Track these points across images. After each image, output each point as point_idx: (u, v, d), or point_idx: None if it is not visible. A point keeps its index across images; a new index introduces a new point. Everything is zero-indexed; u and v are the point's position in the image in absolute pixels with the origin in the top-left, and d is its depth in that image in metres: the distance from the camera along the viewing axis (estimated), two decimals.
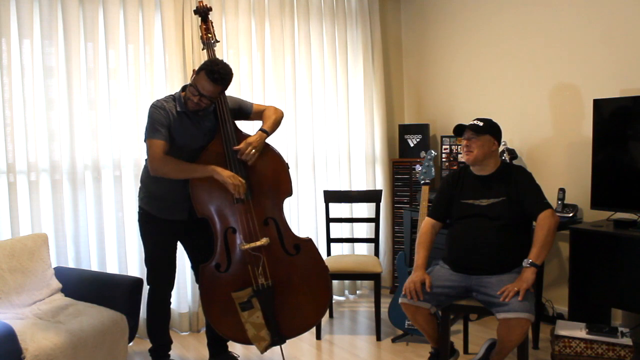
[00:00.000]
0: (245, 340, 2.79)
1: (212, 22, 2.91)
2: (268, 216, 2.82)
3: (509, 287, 2.47)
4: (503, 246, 2.63)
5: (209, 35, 2.88)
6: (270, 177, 2.83)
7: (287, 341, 2.87)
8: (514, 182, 2.69)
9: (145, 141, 2.73)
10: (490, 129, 2.72)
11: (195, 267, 3.03)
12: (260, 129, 2.84)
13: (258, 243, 2.73)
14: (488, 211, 2.68)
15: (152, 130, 2.69)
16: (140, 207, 2.90)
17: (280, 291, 2.79)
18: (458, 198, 2.78)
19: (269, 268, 2.76)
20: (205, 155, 2.78)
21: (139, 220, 2.93)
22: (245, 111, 2.93)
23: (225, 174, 2.67)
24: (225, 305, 2.76)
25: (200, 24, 2.91)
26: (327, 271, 2.90)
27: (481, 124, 2.71)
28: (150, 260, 2.92)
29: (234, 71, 3.72)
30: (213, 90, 2.63)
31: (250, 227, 2.76)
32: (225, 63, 2.68)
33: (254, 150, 2.74)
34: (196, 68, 2.70)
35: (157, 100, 2.80)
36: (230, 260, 2.79)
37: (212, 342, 3.08)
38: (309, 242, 2.89)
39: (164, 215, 2.83)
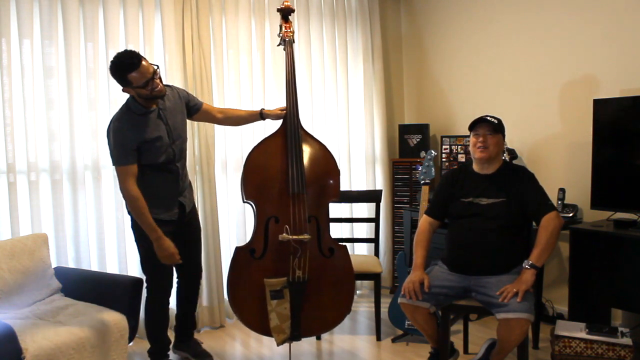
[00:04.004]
0: (264, 330, 2.83)
1: (292, 23, 3.09)
2: (312, 214, 2.89)
3: (508, 287, 2.47)
4: (501, 247, 2.63)
5: (289, 34, 3.02)
6: (323, 178, 2.94)
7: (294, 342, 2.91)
8: (516, 183, 2.68)
9: (114, 165, 2.72)
10: (502, 128, 2.74)
11: (179, 276, 3.08)
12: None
13: (302, 237, 2.78)
14: (487, 211, 2.67)
15: (119, 156, 2.69)
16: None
17: (309, 289, 2.84)
18: (458, 197, 2.78)
19: (308, 263, 2.82)
20: (263, 147, 2.89)
21: (134, 225, 2.88)
22: (193, 106, 2.99)
23: (161, 253, 2.75)
24: (252, 290, 2.81)
25: (281, 22, 3.07)
26: (353, 280, 2.98)
27: (496, 121, 2.71)
28: (148, 263, 2.89)
29: (234, 71, 3.80)
30: (146, 68, 2.60)
31: (300, 219, 2.82)
32: (118, 54, 2.65)
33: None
34: (122, 89, 2.71)
35: (114, 117, 2.77)
36: (266, 248, 2.85)
37: (180, 328, 3.18)
38: (343, 248, 2.98)
39: (157, 215, 2.79)
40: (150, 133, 2.73)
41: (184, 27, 3.59)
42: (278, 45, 3.12)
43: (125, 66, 2.59)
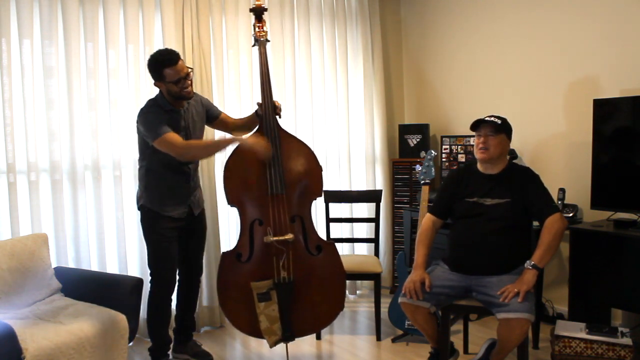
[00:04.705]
0: (256, 333, 2.85)
1: (265, 22, 3.07)
2: (295, 214, 2.90)
3: (509, 287, 2.46)
4: (503, 247, 2.62)
5: (262, 33, 3.02)
6: (304, 176, 2.93)
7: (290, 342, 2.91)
8: (521, 184, 2.67)
9: (154, 142, 2.79)
10: (506, 129, 2.71)
11: (180, 273, 3.11)
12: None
13: (284, 237, 2.80)
14: (491, 211, 2.66)
15: (156, 129, 2.77)
16: (142, 206, 2.96)
17: (298, 288, 2.84)
18: (462, 196, 2.76)
19: (292, 263, 2.82)
20: (241, 150, 2.88)
21: (142, 219, 2.99)
22: (212, 114, 3.10)
23: (250, 140, 2.81)
24: (241, 294, 2.82)
25: (254, 22, 3.05)
26: (344, 276, 2.97)
27: (499, 122, 2.69)
28: (154, 258, 2.97)
29: (234, 71, 3.80)
30: (181, 67, 2.80)
31: (280, 220, 2.83)
32: (158, 50, 2.89)
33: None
34: (154, 82, 2.86)
35: (144, 106, 2.91)
36: (253, 251, 2.86)
37: (180, 330, 3.20)
38: (331, 245, 2.97)
39: (166, 212, 2.90)
40: (174, 124, 2.83)
41: (184, 27, 3.59)
42: (253, 46, 3.10)
43: (164, 60, 2.75)
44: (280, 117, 2.99)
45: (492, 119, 2.70)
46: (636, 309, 3.08)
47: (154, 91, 3.48)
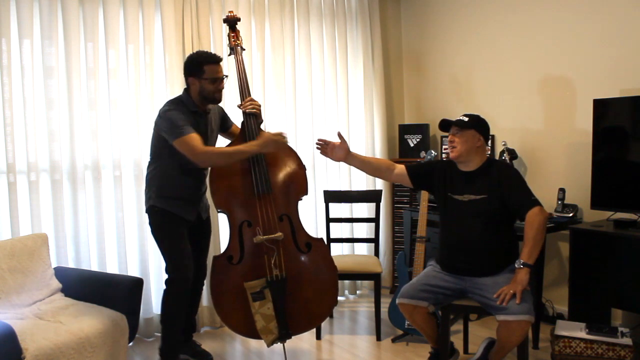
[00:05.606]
0: (253, 333, 2.85)
1: (239, 31, 3.13)
2: (283, 213, 2.93)
3: (505, 289, 2.45)
4: (485, 245, 2.60)
5: (237, 42, 3.09)
6: (289, 175, 2.98)
7: (287, 341, 2.91)
8: (498, 180, 2.62)
9: (174, 141, 2.74)
10: (475, 124, 2.66)
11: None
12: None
13: (274, 235, 2.82)
14: (467, 208, 2.64)
15: (179, 128, 2.74)
16: (153, 206, 2.90)
17: (291, 285, 2.87)
18: (444, 191, 2.75)
19: (283, 260, 2.85)
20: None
21: (154, 221, 2.93)
22: (226, 124, 3.16)
23: (269, 141, 2.81)
24: (236, 296, 2.84)
25: (228, 32, 3.12)
26: (335, 271, 2.98)
27: (466, 119, 2.67)
28: (173, 257, 2.90)
29: (233, 71, 3.78)
30: (221, 68, 2.90)
31: (269, 219, 2.86)
32: (202, 50, 3.00)
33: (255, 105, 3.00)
34: (188, 79, 2.87)
35: (167, 103, 2.89)
36: (244, 252, 2.88)
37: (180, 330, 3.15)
38: (320, 241, 3.00)
39: (180, 213, 2.91)
40: (196, 125, 2.83)
41: (184, 27, 3.59)
42: (229, 55, 3.14)
43: (208, 57, 2.85)
44: (260, 118, 3.02)
45: (461, 117, 2.69)
46: (636, 309, 3.08)
47: (154, 91, 3.51)
